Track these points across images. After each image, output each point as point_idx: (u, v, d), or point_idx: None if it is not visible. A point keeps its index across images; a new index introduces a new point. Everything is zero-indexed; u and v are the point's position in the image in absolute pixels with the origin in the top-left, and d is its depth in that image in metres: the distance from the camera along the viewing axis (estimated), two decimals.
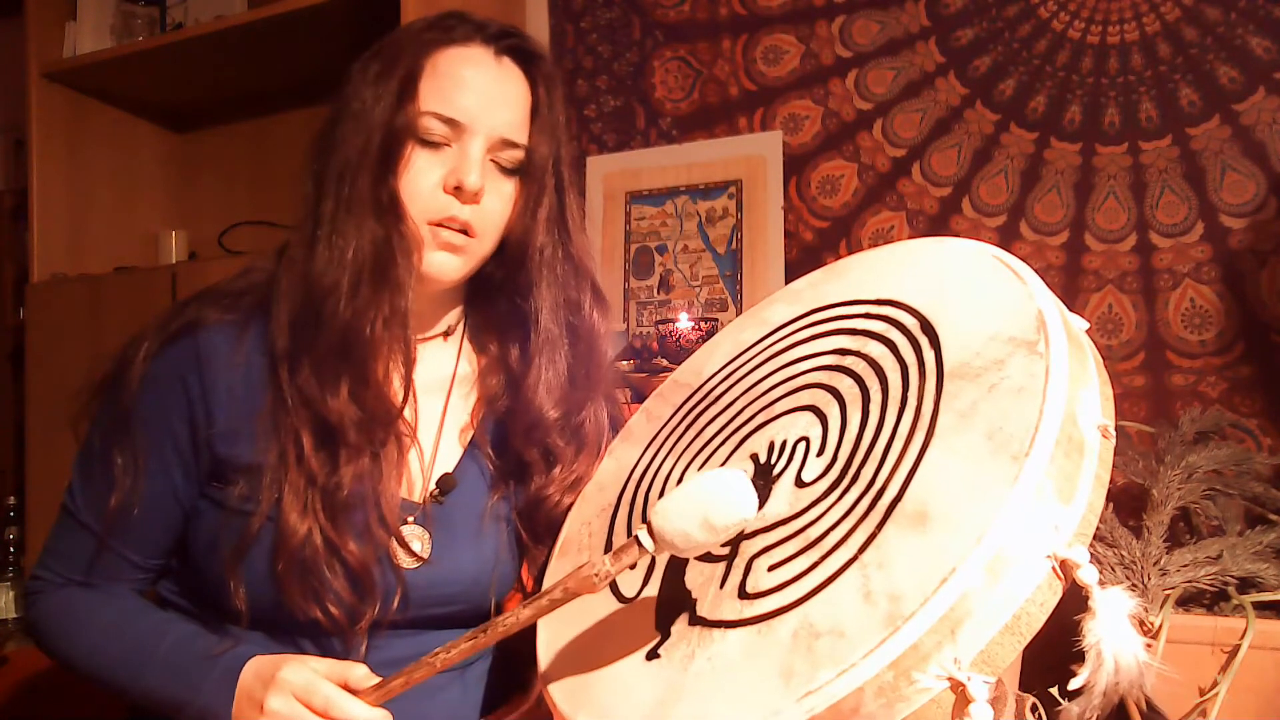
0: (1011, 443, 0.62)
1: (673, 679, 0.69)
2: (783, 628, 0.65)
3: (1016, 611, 0.59)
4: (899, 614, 0.59)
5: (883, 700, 0.58)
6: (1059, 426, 0.62)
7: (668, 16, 2.02)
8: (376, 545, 0.90)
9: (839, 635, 0.61)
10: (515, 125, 0.95)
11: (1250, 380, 1.57)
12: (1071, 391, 0.64)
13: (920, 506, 0.64)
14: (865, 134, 1.84)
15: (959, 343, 0.72)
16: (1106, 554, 1.22)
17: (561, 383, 0.99)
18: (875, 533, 0.65)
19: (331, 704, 0.79)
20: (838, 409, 0.77)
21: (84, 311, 2.18)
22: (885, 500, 0.66)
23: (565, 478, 0.99)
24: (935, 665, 0.58)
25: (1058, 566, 0.60)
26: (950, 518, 0.62)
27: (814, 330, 0.87)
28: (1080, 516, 0.62)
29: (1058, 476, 0.61)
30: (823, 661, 0.60)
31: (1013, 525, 0.59)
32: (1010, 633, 0.59)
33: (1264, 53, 1.57)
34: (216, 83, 2.39)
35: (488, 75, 0.95)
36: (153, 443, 0.92)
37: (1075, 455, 0.63)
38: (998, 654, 0.59)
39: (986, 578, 0.58)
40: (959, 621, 0.58)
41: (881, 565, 0.62)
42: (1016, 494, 0.60)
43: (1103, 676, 0.59)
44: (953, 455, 0.65)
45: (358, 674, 0.82)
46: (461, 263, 0.95)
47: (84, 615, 0.94)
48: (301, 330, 0.90)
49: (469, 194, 0.92)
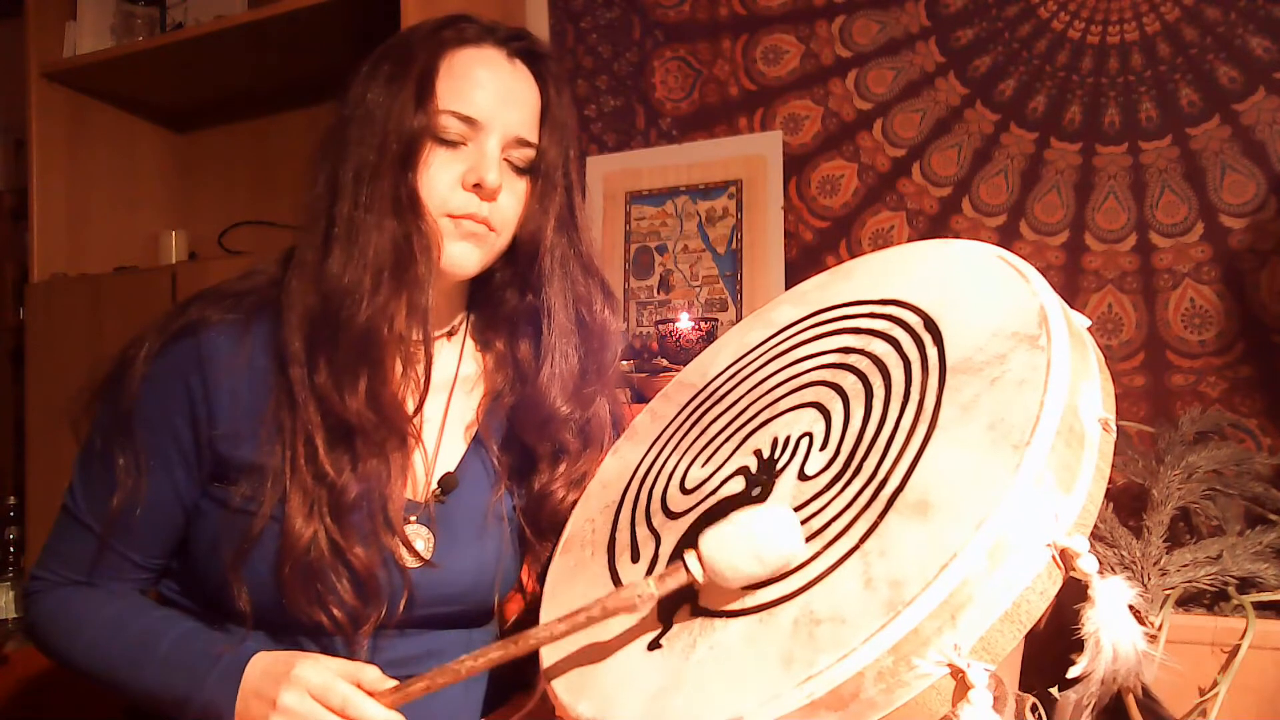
0: (1013, 433, 0.63)
1: (675, 668, 0.69)
2: (784, 616, 0.65)
3: (1016, 599, 0.59)
4: (899, 599, 0.59)
5: (882, 685, 0.58)
6: (1060, 417, 0.63)
7: (668, 16, 2.02)
8: (381, 547, 0.90)
9: (839, 621, 0.61)
10: (528, 125, 0.97)
11: (1250, 380, 1.57)
12: (1073, 384, 0.65)
13: (922, 496, 0.64)
14: (865, 134, 1.85)
15: (962, 339, 0.73)
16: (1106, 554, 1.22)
17: (574, 377, 1.00)
18: (877, 522, 0.65)
19: (349, 703, 0.79)
20: (841, 405, 0.78)
21: (84, 311, 2.18)
22: (887, 490, 0.67)
23: (571, 473, 1.00)
24: (935, 651, 0.58)
25: (1058, 555, 0.61)
26: (952, 506, 0.62)
27: (819, 330, 0.88)
28: (1080, 506, 0.63)
29: (1058, 466, 0.62)
30: (823, 647, 0.61)
31: (1014, 513, 0.60)
32: (1010, 620, 0.59)
33: (1264, 53, 1.57)
34: (216, 83, 2.39)
35: (502, 75, 0.96)
36: (154, 443, 0.92)
37: (1076, 446, 0.64)
38: (998, 641, 0.59)
39: (987, 564, 0.59)
40: (959, 607, 0.58)
41: (883, 553, 0.63)
42: (1018, 482, 0.60)
43: (1101, 664, 0.59)
44: (955, 446, 0.66)
45: (370, 676, 0.82)
46: (480, 255, 0.96)
47: (84, 613, 0.94)
48: (318, 331, 0.90)
49: (488, 190, 0.93)
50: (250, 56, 2.20)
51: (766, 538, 0.67)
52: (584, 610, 0.72)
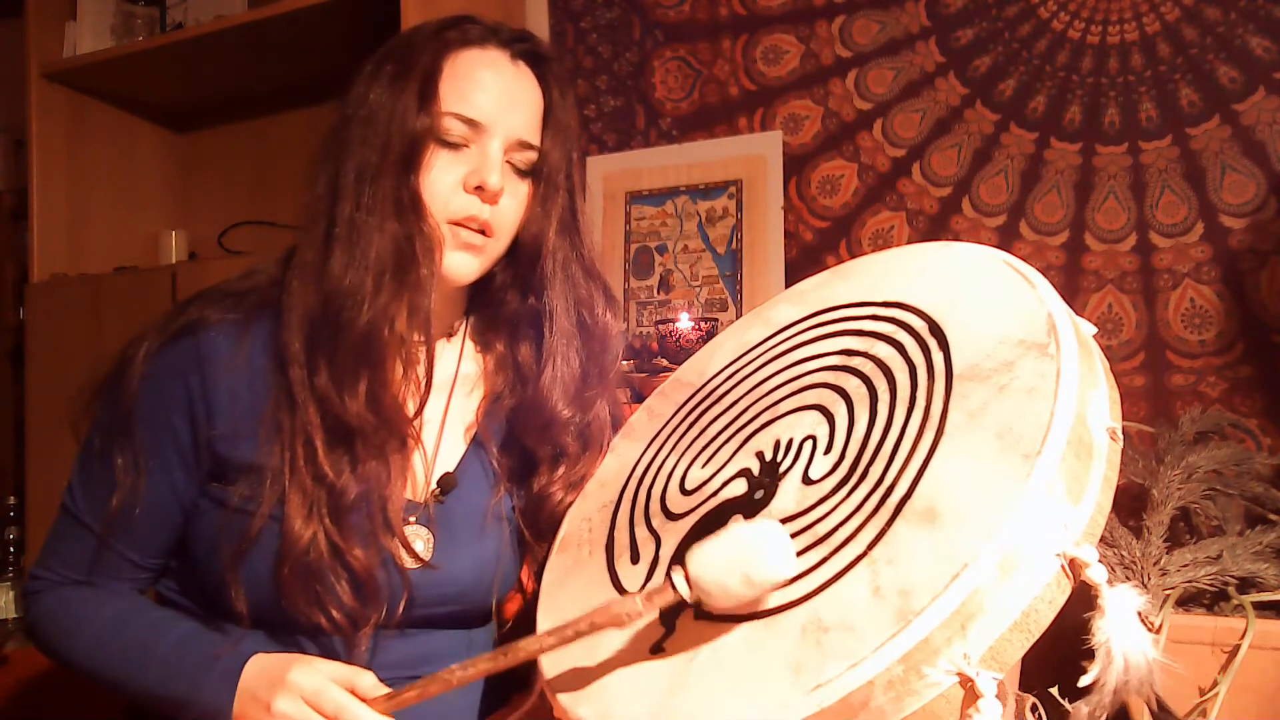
0: (1022, 442, 0.63)
1: (677, 672, 0.69)
2: (790, 622, 0.65)
3: (1026, 609, 0.59)
4: (910, 609, 0.59)
5: (892, 694, 0.58)
6: (1070, 427, 0.63)
7: (668, 16, 2.02)
8: (380, 548, 0.90)
9: (848, 629, 0.61)
10: (531, 127, 0.96)
11: (1250, 380, 1.57)
12: (1082, 393, 0.65)
13: (930, 504, 0.64)
14: (865, 134, 1.85)
15: (968, 345, 0.73)
16: (1107, 554, 1.22)
17: (575, 381, 1.00)
18: (885, 529, 0.65)
19: (343, 710, 0.79)
20: (845, 409, 0.77)
21: (84, 311, 2.18)
22: (895, 497, 0.66)
23: (570, 476, 1.00)
24: (945, 660, 0.58)
25: (1066, 565, 0.60)
26: (961, 515, 0.62)
27: (820, 331, 0.87)
28: (1089, 517, 0.62)
29: (1068, 476, 0.62)
30: (832, 655, 0.61)
31: (1024, 523, 0.60)
32: (1019, 630, 0.59)
33: (1264, 53, 1.57)
34: (216, 83, 2.39)
35: (505, 77, 0.96)
36: (154, 442, 0.91)
37: (1085, 456, 0.64)
38: (1007, 650, 0.59)
39: (998, 574, 0.59)
40: (970, 617, 0.58)
41: (891, 561, 0.63)
42: (1028, 492, 0.60)
43: (1113, 674, 0.59)
44: (963, 454, 0.66)
45: (366, 682, 0.82)
46: (478, 263, 0.96)
47: (84, 613, 0.94)
48: (318, 332, 0.90)
49: (490, 193, 0.93)
50: (250, 56, 2.20)
51: (755, 556, 0.66)
52: (572, 625, 0.72)
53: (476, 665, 0.75)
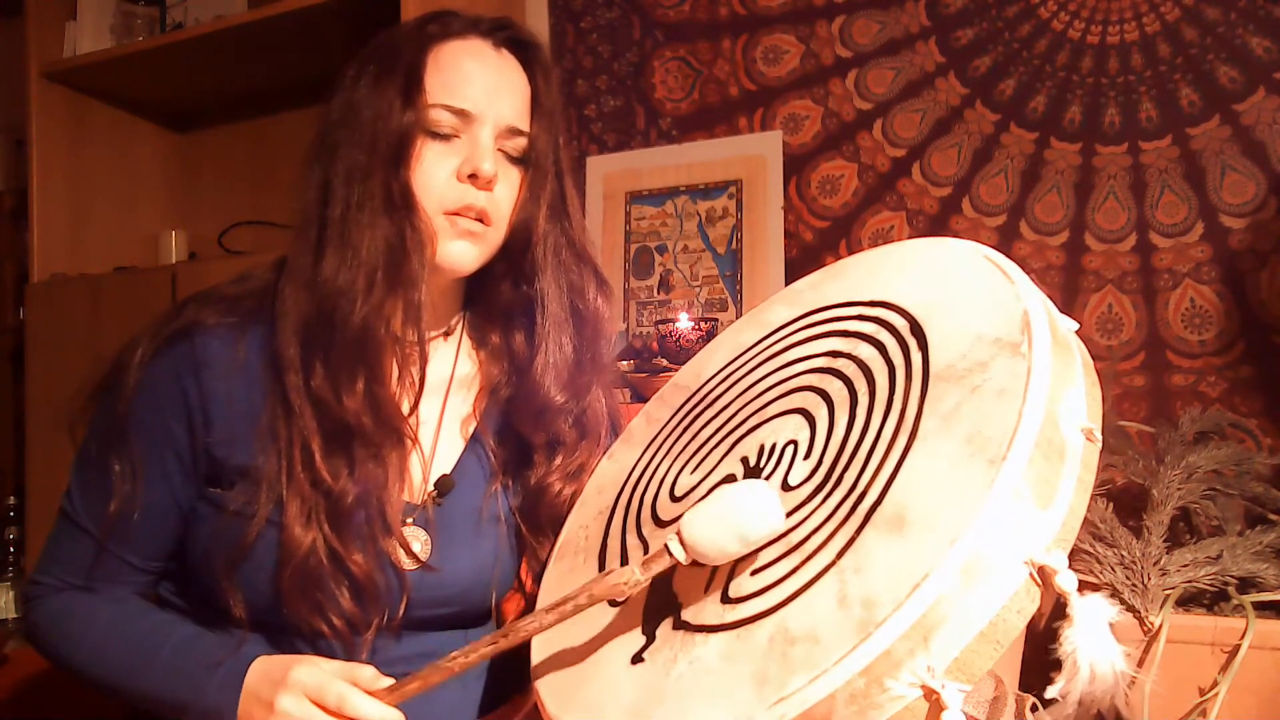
0: (989, 446, 0.61)
1: (654, 682, 0.68)
2: (760, 633, 0.64)
3: (993, 618, 0.57)
4: (871, 620, 0.58)
5: (855, 707, 0.57)
6: (1038, 429, 0.61)
7: (668, 16, 2.02)
8: (379, 551, 0.90)
9: (813, 641, 0.60)
10: (519, 113, 0.96)
11: (1250, 380, 1.57)
12: (1054, 393, 0.63)
13: (899, 510, 0.62)
14: (865, 134, 1.84)
15: (946, 344, 0.71)
16: (1106, 554, 1.21)
17: (568, 366, 0.99)
18: (854, 537, 0.63)
19: (345, 701, 0.79)
20: (825, 412, 0.76)
21: (84, 311, 2.18)
22: (866, 504, 0.65)
23: (567, 466, 0.99)
24: (908, 672, 0.57)
25: (1035, 572, 0.58)
26: (927, 522, 0.60)
27: (810, 332, 0.86)
28: (1060, 521, 0.60)
29: (1036, 480, 0.60)
30: (796, 667, 0.60)
31: (988, 530, 0.58)
32: (986, 640, 0.57)
33: (1264, 53, 1.57)
34: (216, 83, 2.39)
35: (490, 66, 0.96)
36: (150, 447, 0.91)
37: (1055, 459, 0.62)
38: (973, 661, 0.57)
39: (961, 583, 0.57)
40: (932, 628, 0.57)
41: (858, 570, 0.61)
42: (992, 498, 0.58)
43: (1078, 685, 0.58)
44: (934, 458, 0.64)
45: (366, 675, 0.81)
46: (479, 252, 0.96)
47: (84, 617, 0.94)
48: (313, 335, 0.90)
49: (484, 180, 0.93)
50: (250, 56, 2.20)
51: (745, 513, 0.67)
52: (570, 598, 0.72)
53: (479, 649, 0.75)
